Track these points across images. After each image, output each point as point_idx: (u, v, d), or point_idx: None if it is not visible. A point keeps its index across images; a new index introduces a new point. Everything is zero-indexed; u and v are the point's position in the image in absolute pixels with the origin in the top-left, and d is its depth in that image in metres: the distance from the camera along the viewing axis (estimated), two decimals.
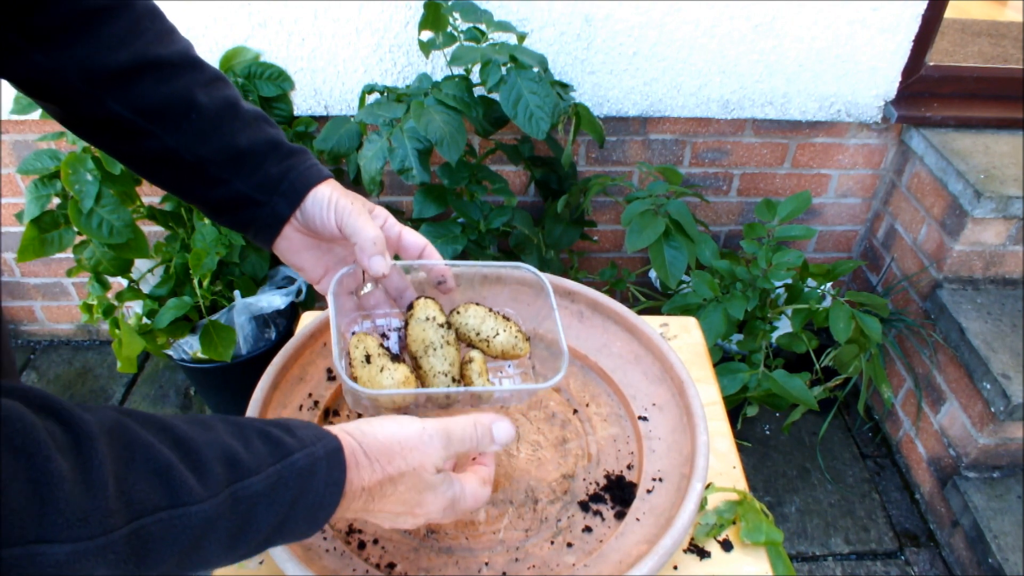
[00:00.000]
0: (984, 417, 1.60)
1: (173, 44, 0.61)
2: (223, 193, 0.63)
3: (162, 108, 0.60)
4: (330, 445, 0.48)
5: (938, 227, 1.77)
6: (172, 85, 0.60)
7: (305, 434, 0.48)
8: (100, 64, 0.57)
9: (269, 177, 0.64)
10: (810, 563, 1.70)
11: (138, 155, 0.62)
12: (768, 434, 2.01)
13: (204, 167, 0.62)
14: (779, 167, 1.95)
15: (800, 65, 1.75)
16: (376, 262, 0.63)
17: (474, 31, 1.50)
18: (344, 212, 0.63)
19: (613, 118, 1.82)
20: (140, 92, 0.59)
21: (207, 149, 0.62)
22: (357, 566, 0.66)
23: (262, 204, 0.64)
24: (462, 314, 0.72)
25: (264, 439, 0.45)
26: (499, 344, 0.71)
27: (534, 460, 0.79)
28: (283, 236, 0.66)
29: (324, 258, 0.69)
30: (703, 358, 0.94)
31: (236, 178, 0.63)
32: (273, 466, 0.44)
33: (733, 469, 0.79)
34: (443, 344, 0.69)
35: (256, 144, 0.63)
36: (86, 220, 1.40)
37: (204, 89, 0.62)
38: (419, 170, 1.40)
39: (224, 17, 1.60)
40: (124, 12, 0.58)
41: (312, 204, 0.64)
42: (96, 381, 2.09)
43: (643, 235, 1.51)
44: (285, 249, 0.67)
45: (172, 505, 0.38)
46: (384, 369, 0.64)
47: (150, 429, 0.40)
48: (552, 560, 0.68)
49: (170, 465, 0.39)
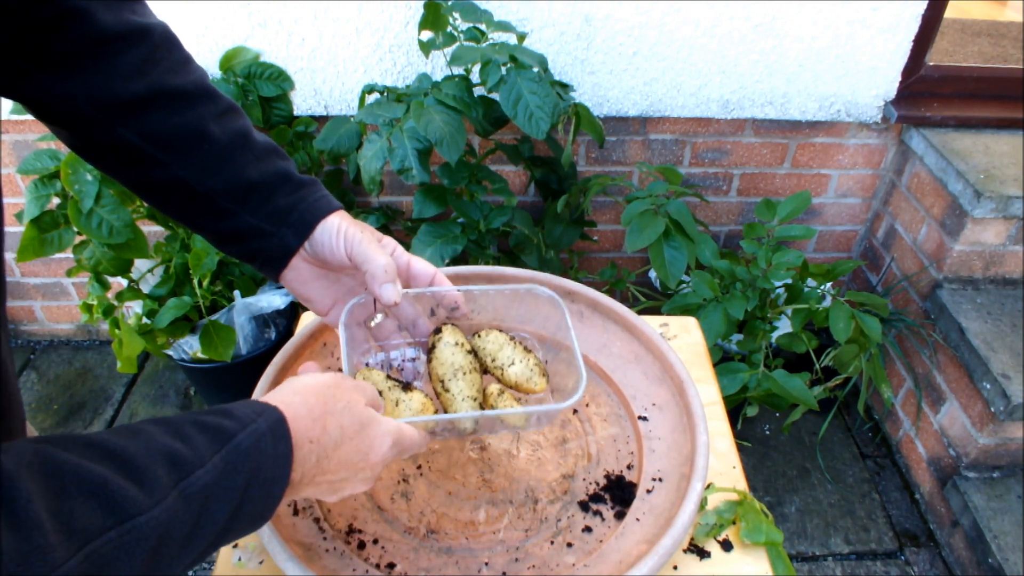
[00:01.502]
0: (984, 417, 1.60)
1: (189, 74, 0.61)
2: (232, 224, 0.63)
3: (174, 138, 0.59)
4: (272, 417, 0.47)
5: (938, 227, 1.77)
6: (185, 116, 0.60)
7: (244, 412, 0.47)
8: (113, 93, 0.57)
9: (278, 209, 0.63)
10: (810, 563, 1.70)
11: (147, 183, 0.62)
12: (768, 434, 2.01)
13: (214, 198, 0.62)
14: (779, 167, 1.95)
15: (800, 65, 1.75)
16: (387, 290, 0.63)
17: (474, 31, 1.50)
18: (354, 240, 0.63)
19: (613, 118, 1.82)
20: (152, 121, 0.58)
21: (217, 181, 0.61)
22: (357, 566, 0.66)
23: (271, 235, 0.64)
24: (482, 338, 0.72)
25: (201, 429, 0.44)
26: (513, 374, 0.71)
27: (534, 460, 0.79)
28: (291, 267, 0.66)
29: (332, 289, 0.69)
30: (703, 358, 0.94)
31: (245, 210, 0.63)
32: (217, 454, 0.43)
33: (733, 469, 0.79)
34: (471, 370, 0.69)
35: (267, 176, 0.63)
36: (86, 220, 1.40)
37: (217, 120, 0.61)
38: (419, 170, 1.40)
39: (224, 17, 1.60)
40: (142, 41, 0.58)
41: (321, 234, 0.64)
42: (96, 381, 2.09)
43: (643, 235, 1.51)
44: (293, 280, 0.67)
45: (119, 521, 0.37)
46: (399, 402, 0.64)
47: (75, 450, 0.39)
48: (552, 560, 0.68)
49: (105, 481, 0.37)
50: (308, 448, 0.49)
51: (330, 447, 0.50)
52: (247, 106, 1.62)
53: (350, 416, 0.52)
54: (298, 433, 0.48)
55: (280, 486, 0.47)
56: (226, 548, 0.71)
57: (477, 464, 0.78)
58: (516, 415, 0.69)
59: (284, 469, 0.47)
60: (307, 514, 0.71)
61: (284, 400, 0.50)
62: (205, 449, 0.43)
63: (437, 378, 0.69)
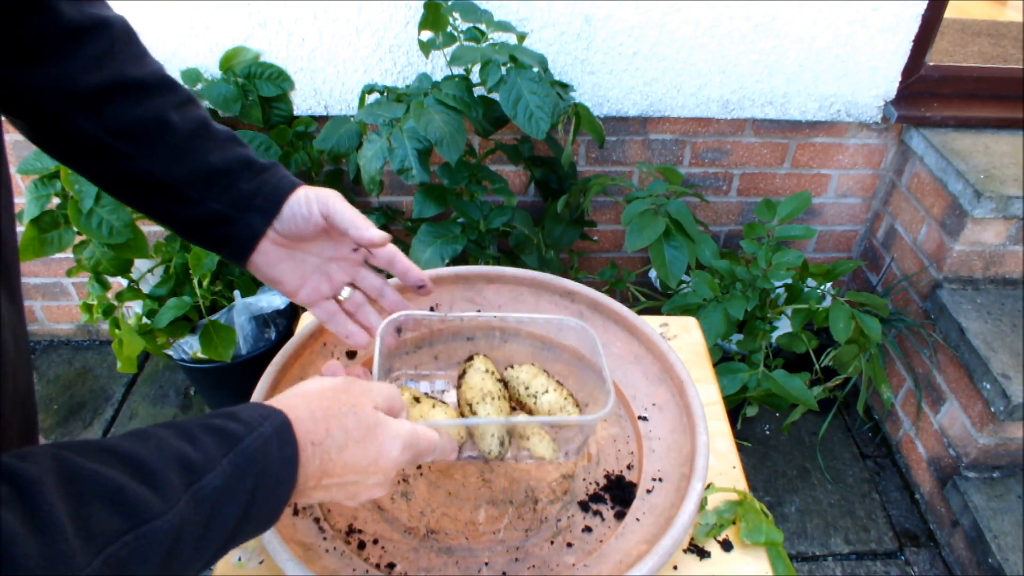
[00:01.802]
0: (984, 417, 1.60)
1: (147, 66, 0.61)
2: (197, 212, 0.64)
3: (134, 129, 0.60)
4: (277, 421, 0.48)
5: (938, 227, 1.77)
6: (146, 106, 0.60)
7: (250, 416, 0.47)
8: (74, 84, 0.57)
9: (243, 194, 0.64)
10: (810, 563, 1.70)
11: (110, 176, 0.62)
12: (768, 434, 2.01)
13: (178, 188, 0.62)
14: (779, 167, 1.95)
15: (800, 65, 1.75)
16: (375, 232, 0.65)
17: (474, 31, 1.50)
18: (327, 200, 0.65)
19: (613, 118, 1.82)
20: (113, 113, 0.59)
21: (180, 170, 0.62)
22: (357, 566, 0.66)
23: (236, 221, 0.64)
24: (516, 368, 0.73)
25: (210, 432, 0.45)
26: (546, 403, 0.71)
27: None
28: (259, 251, 0.66)
29: (300, 268, 0.69)
30: (703, 358, 0.94)
31: (209, 197, 0.63)
32: (226, 457, 0.44)
33: (733, 469, 0.79)
34: (499, 396, 0.70)
35: (229, 163, 0.64)
36: (86, 220, 1.40)
37: (177, 110, 0.62)
38: (419, 170, 1.40)
39: (224, 17, 1.60)
40: (102, 33, 0.58)
41: (289, 209, 0.65)
42: (96, 381, 2.09)
43: (643, 235, 1.51)
44: (261, 264, 0.67)
45: (135, 525, 0.38)
46: (436, 406, 0.66)
47: (91, 456, 0.39)
48: (552, 560, 0.68)
49: (121, 487, 0.38)
50: (311, 451, 0.49)
51: (334, 450, 0.50)
52: (247, 106, 1.63)
53: (355, 419, 0.52)
54: (301, 436, 0.48)
55: (286, 489, 0.47)
56: None
57: (477, 464, 0.78)
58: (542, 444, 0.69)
59: (290, 472, 0.47)
60: (307, 514, 0.71)
61: (288, 403, 0.50)
62: (214, 453, 0.44)
63: (465, 402, 0.70)
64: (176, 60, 1.65)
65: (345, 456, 0.51)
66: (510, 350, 0.89)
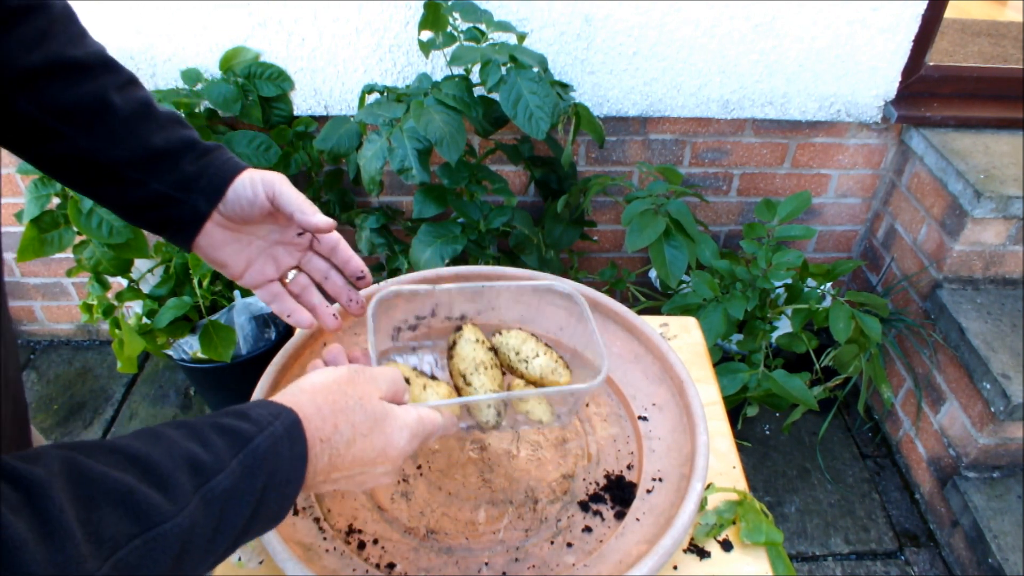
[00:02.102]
0: (984, 417, 1.60)
1: (87, 46, 0.61)
2: (139, 194, 0.63)
3: (75, 109, 0.59)
4: (288, 420, 0.48)
5: (938, 227, 1.77)
6: (85, 86, 0.60)
7: (260, 414, 0.47)
8: (11, 63, 0.56)
9: (186, 175, 0.63)
10: (810, 563, 1.70)
11: (49, 156, 0.61)
12: (768, 434, 2.01)
13: (119, 169, 0.62)
14: (779, 167, 1.95)
15: (800, 65, 1.75)
16: (320, 218, 0.64)
17: (474, 31, 1.50)
18: (274, 184, 0.65)
19: (613, 118, 1.82)
20: (52, 93, 0.58)
21: (122, 151, 0.61)
22: (357, 566, 0.66)
23: (180, 202, 0.64)
24: (504, 335, 0.73)
25: (220, 432, 0.45)
26: (538, 367, 0.71)
27: (534, 460, 0.79)
28: (203, 233, 0.66)
29: (245, 251, 0.69)
30: (703, 358, 0.94)
31: (152, 179, 0.63)
32: (236, 457, 0.44)
33: (733, 469, 0.79)
34: (492, 365, 0.70)
35: (172, 144, 0.63)
36: (86, 220, 1.40)
37: (118, 91, 0.61)
38: (419, 170, 1.40)
39: (224, 17, 1.60)
40: (39, 13, 0.58)
41: (235, 192, 0.64)
42: (96, 381, 2.09)
43: (643, 235, 1.51)
44: (206, 246, 0.67)
45: (145, 529, 0.38)
46: (427, 387, 0.65)
47: (101, 458, 0.39)
48: (552, 560, 0.68)
49: (131, 489, 0.38)
50: (320, 448, 0.49)
51: (342, 445, 0.50)
52: (247, 106, 1.62)
53: (362, 412, 0.52)
54: (309, 433, 0.48)
55: (295, 487, 0.47)
56: None
57: (477, 464, 0.78)
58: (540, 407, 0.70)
59: (299, 470, 0.47)
60: (307, 514, 0.71)
61: (296, 400, 0.50)
62: (224, 453, 0.43)
63: (459, 373, 0.70)
64: (176, 60, 1.65)
65: (353, 450, 0.51)
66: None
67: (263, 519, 0.46)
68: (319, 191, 1.77)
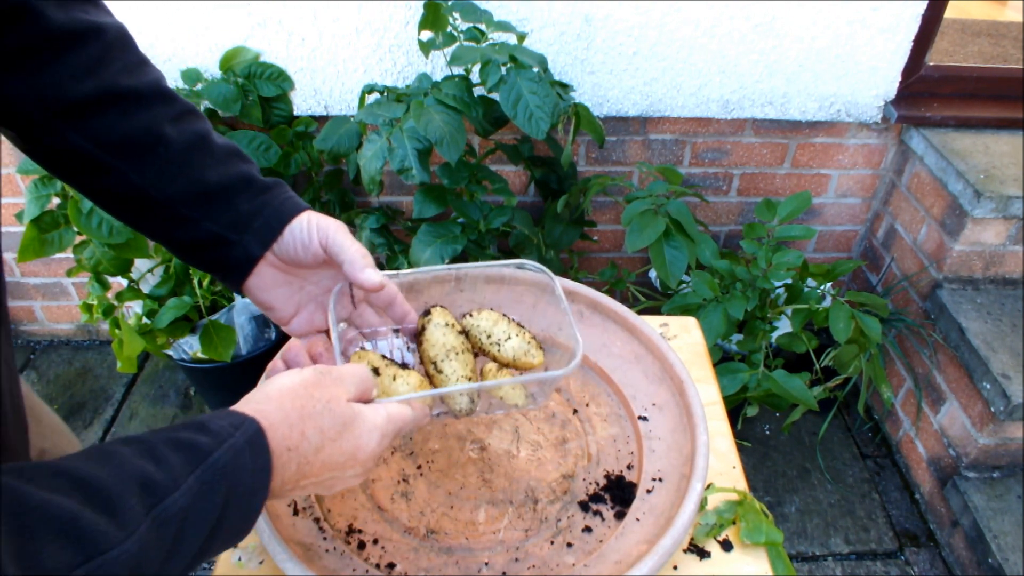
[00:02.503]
0: (984, 417, 1.60)
1: (143, 75, 0.58)
2: (192, 234, 0.60)
3: (127, 142, 0.57)
4: (250, 430, 0.45)
5: (938, 227, 1.77)
6: (139, 118, 0.57)
7: (220, 426, 0.45)
8: (62, 94, 0.54)
9: (241, 215, 0.61)
10: (810, 563, 1.70)
11: (101, 190, 0.59)
12: (768, 434, 2.01)
13: (172, 206, 0.59)
14: (779, 167, 1.95)
15: (800, 65, 1.75)
16: (369, 274, 0.61)
17: (474, 31, 1.50)
18: (328, 230, 0.61)
19: (613, 118, 1.82)
20: (104, 125, 0.56)
21: (175, 187, 0.58)
22: (357, 566, 0.66)
23: (233, 244, 0.61)
24: (475, 316, 0.71)
25: (175, 448, 0.42)
26: (510, 349, 0.69)
27: (534, 460, 0.79)
28: (255, 274, 0.63)
29: (296, 296, 0.66)
30: (703, 358, 0.94)
31: (206, 217, 0.60)
32: (192, 474, 0.42)
33: (733, 469, 0.79)
34: (463, 350, 0.68)
35: (228, 180, 0.60)
36: (86, 220, 1.40)
37: (173, 123, 0.59)
38: (419, 170, 1.40)
39: (224, 17, 1.60)
40: (94, 40, 0.55)
41: (290, 234, 0.62)
42: (96, 381, 2.09)
43: (643, 235, 1.51)
44: (255, 287, 0.64)
45: (88, 558, 0.35)
46: (396, 377, 0.63)
47: (43, 482, 0.37)
48: (552, 560, 0.68)
49: (75, 516, 0.36)
50: (287, 457, 0.47)
51: (310, 452, 0.49)
52: (247, 106, 1.63)
53: (330, 417, 0.50)
54: (275, 442, 0.47)
55: (260, 499, 0.46)
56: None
57: (477, 464, 0.78)
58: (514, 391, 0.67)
59: (263, 481, 0.46)
60: (307, 514, 0.71)
61: (259, 408, 0.48)
62: (180, 470, 0.41)
63: (429, 360, 0.67)
64: (176, 60, 1.65)
65: (322, 456, 0.49)
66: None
67: (226, 535, 0.44)
68: (319, 191, 1.77)
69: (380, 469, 0.77)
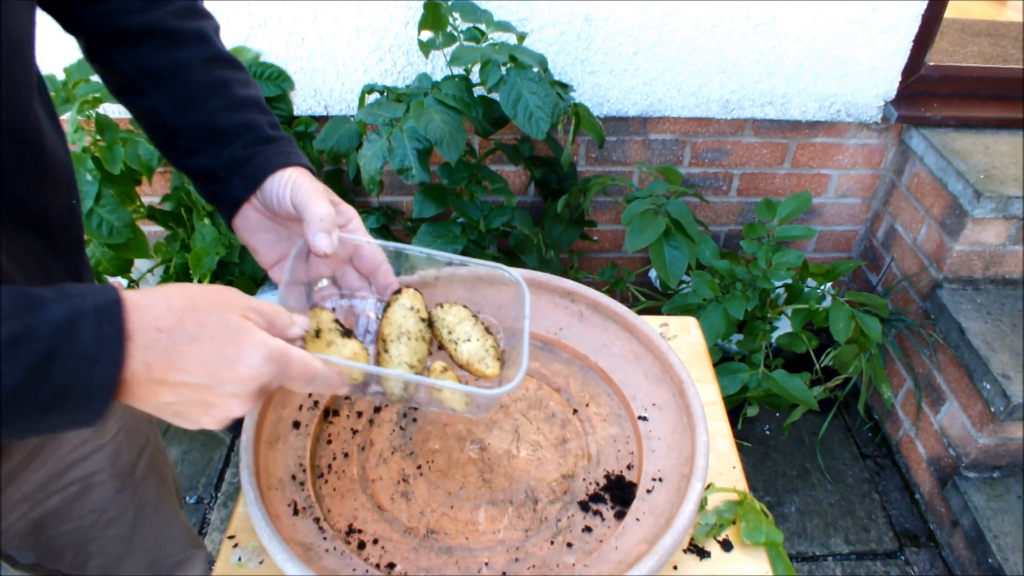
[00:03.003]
0: (984, 417, 1.60)
1: (190, 20, 0.67)
2: (193, 163, 0.67)
3: (157, 72, 0.65)
4: (104, 299, 0.45)
5: (938, 227, 1.77)
6: (172, 54, 0.65)
7: (78, 290, 0.45)
8: (111, 24, 0.65)
9: (235, 158, 0.65)
10: (810, 563, 1.70)
11: (136, 109, 0.68)
12: (768, 434, 2.01)
13: (182, 135, 0.66)
14: (779, 167, 1.95)
15: (800, 65, 1.75)
16: (320, 239, 0.61)
17: (474, 31, 1.50)
18: (300, 189, 0.64)
19: (613, 118, 1.82)
20: (142, 54, 0.65)
21: (187, 119, 0.66)
22: (357, 566, 0.66)
23: (224, 181, 0.66)
24: (444, 308, 0.69)
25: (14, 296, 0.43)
26: (466, 352, 0.67)
27: (534, 460, 0.79)
28: (241, 215, 0.67)
29: (280, 244, 0.69)
30: (703, 358, 0.94)
31: (205, 153, 0.66)
32: (17, 319, 0.42)
33: (733, 469, 0.79)
34: (418, 337, 0.66)
35: (232, 125, 0.66)
36: (86, 220, 1.40)
37: (202, 65, 0.66)
38: (419, 170, 1.40)
39: (224, 17, 1.60)
40: None
41: (270, 185, 0.65)
42: None
43: (643, 235, 1.51)
44: (242, 227, 0.68)
45: None
46: (331, 344, 0.61)
47: None
48: (552, 560, 0.68)
49: None
50: (153, 336, 0.46)
51: (183, 341, 0.47)
52: None
53: (218, 319, 0.49)
54: (143, 320, 0.46)
55: (107, 370, 0.44)
56: (226, 547, 0.71)
57: (477, 464, 0.78)
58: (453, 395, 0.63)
59: (111, 351, 0.44)
60: (307, 514, 0.71)
61: (145, 292, 0.48)
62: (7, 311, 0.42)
63: (382, 338, 0.66)
64: None
65: (196, 350, 0.47)
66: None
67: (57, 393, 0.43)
68: None
69: (380, 469, 0.77)
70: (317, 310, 0.63)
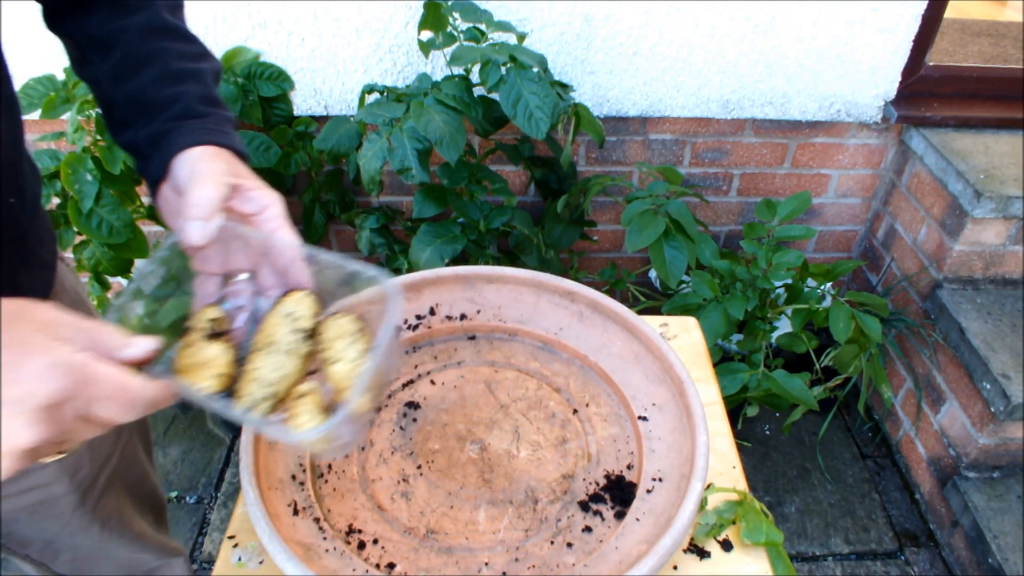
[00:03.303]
0: (984, 417, 1.60)
1: None
2: (122, 138, 0.65)
3: (101, 40, 0.64)
4: None
5: (938, 227, 1.77)
6: (117, 23, 0.64)
7: None
8: None
9: (156, 133, 0.60)
10: (810, 563, 1.70)
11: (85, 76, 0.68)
12: (768, 434, 2.01)
13: (116, 106, 0.64)
14: (779, 167, 1.95)
15: (800, 65, 1.75)
16: (191, 227, 0.53)
17: (474, 31, 1.50)
18: (195, 173, 0.56)
19: (613, 118, 1.82)
20: (91, 21, 0.64)
21: (121, 90, 0.64)
22: (357, 566, 0.66)
23: (147, 158, 0.61)
24: (331, 320, 0.58)
25: None
26: (335, 374, 0.56)
27: (534, 460, 0.79)
28: (160, 195, 0.61)
29: None
30: (703, 358, 0.94)
31: (132, 126, 0.63)
32: None
33: (733, 469, 0.79)
34: (287, 352, 0.56)
35: (160, 98, 0.62)
36: (86, 220, 1.40)
37: (142, 35, 0.64)
38: (419, 170, 1.40)
39: (224, 17, 1.60)
40: None
41: (177, 163, 0.58)
42: None
43: (643, 235, 1.51)
44: (164, 209, 0.61)
45: None
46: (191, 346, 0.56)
47: None
48: (552, 560, 0.68)
49: None
50: None
51: None
52: (247, 106, 1.62)
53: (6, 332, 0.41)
54: None
55: None
56: (226, 547, 0.71)
57: (477, 464, 0.78)
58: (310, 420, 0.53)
59: None
60: (307, 514, 0.71)
61: None
62: None
63: (252, 346, 0.57)
64: None
65: None
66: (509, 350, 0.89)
67: None
68: (319, 191, 1.77)
69: (380, 469, 0.77)
70: (205, 308, 0.58)
